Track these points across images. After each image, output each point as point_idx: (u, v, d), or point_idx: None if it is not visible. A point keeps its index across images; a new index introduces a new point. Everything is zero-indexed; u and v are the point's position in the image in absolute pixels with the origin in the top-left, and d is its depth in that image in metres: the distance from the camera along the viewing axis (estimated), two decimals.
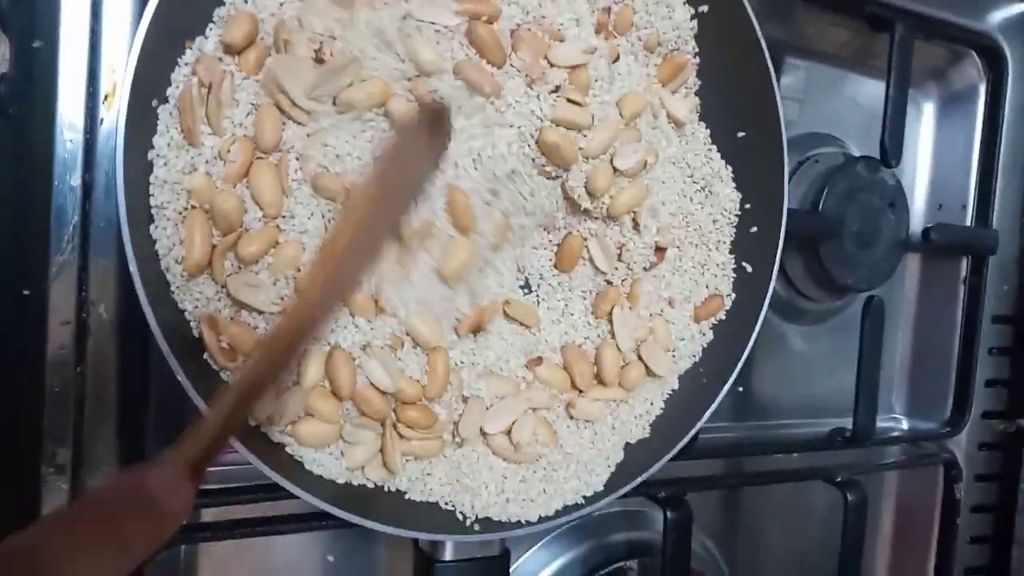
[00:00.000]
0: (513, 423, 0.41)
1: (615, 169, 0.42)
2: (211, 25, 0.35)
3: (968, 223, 0.66)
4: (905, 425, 0.70)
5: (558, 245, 0.43)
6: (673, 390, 0.47)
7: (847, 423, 0.61)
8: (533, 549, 0.54)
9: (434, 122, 0.37)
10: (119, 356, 0.38)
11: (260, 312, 0.35)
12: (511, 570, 0.52)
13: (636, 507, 0.57)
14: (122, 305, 0.38)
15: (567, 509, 0.42)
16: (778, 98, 0.44)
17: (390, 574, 0.48)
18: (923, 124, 0.68)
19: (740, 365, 0.45)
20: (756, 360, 0.63)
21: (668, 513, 0.52)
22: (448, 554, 0.41)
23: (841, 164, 0.59)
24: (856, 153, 0.63)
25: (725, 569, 0.61)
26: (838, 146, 0.63)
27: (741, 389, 0.63)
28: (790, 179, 0.60)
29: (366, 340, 0.37)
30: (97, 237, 0.37)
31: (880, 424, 0.67)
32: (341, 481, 0.38)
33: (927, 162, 0.69)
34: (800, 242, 0.59)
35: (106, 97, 0.37)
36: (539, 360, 0.43)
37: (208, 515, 0.43)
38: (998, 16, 0.65)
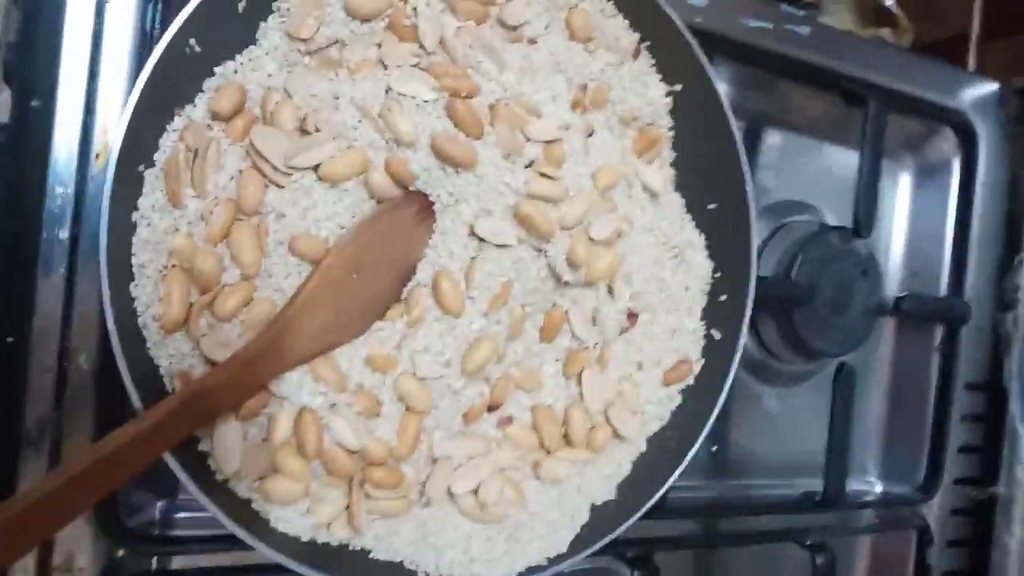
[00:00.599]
0: (481, 483, 0.42)
1: (591, 239, 0.43)
2: (201, 94, 0.36)
3: (942, 291, 0.68)
4: (879, 489, 0.70)
5: (542, 314, 0.44)
6: (641, 452, 0.48)
7: (819, 484, 0.62)
8: None
9: (420, 204, 0.39)
10: (96, 405, 0.39)
11: None
12: None
13: (604, 564, 0.57)
14: (102, 356, 0.39)
15: (531, 570, 0.43)
16: (747, 175, 0.46)
17: None
18: (899, 194, 0.70)
19: (706, 431, 0.46)
20: (730, 420, 0.64)
21: (635, 573, 0.53)
22: None
23: (815, 232, 0.61)
24: (831, 222, 0.64)
25: None
26: (813, 214, 0.65)
27: (715, 448, 0.64)
28: (765, 245, 0.63)
29: (334, 401, 0.38)
30: (81, 289, 0.39)
31: (854, 487, 0.68)
32: (306, 538, 0.39)
33: (903, 231, 0.70)
34: (774, 307, 0.60)
35: (97, 155, 0.38)
36: (509, 420, 0.44)
37: (177, 562, 0.43)
38: (970, 94, 0.67)
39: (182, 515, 0.45)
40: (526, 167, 0.41)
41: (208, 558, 0.43)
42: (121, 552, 0.41)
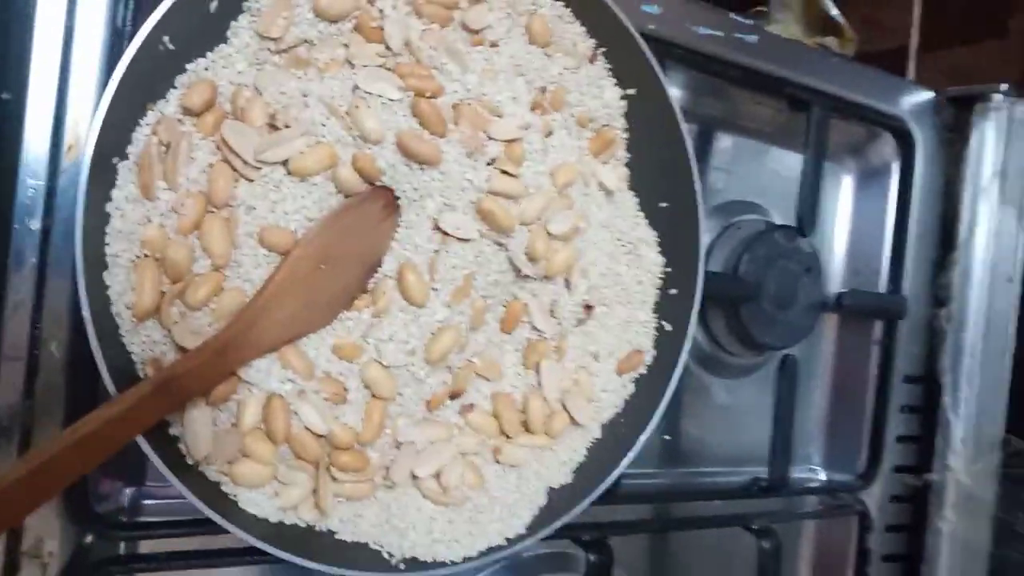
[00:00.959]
0: (443, 467, 0.44)
1: (549, 234, 0.45)
2: (173, 90, 0.38)
3: (882, 289, 0.72)
4: (822, 476, 0.74)
5: (503, 306, 0.46)
6: (596, 439, 0.50)
7: (765, 472, 0.65)
8: None
9: (385, 199, 0.41)
10: (67, 393, 0.40)
11: None
12: None
13: (562, 549, 0.59)
14: (73, 344, 0.40)
15: (491, 550, 0.45)
16: (695, 177, 0.48)
17: None
18: (842, 195, 0.73)
19: (657, 418, 0.49)
20: (681, 410, 0.67)
21: (590, 556, 0.55)
22: None
23: (761, 231, 0.64)
24: (777, 221, 0.67)
25: None
26: (760, 214, 0.68)
27: (667, 437, 0.66)
28: (715, 242, 0.65)
29: (302, 388, 0.40)
30: (53, 279, 0.39)
31: (798, 475, 0.71)
32: (274, 520, 0.40)
33: (845, 230, 0.74)
34: (722, 302, 0.63)
35: (69, 148, 0.39)
36: (471, 407, 0.46)
37: (146, 547, 0.44)
38: (909, 101, 0.71)
39: (149, 502, 0.45)
40: (488, 164, 0.43)
41: (175, 542, 0.44)
42: (89, 537, 0.42)
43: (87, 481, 0.42)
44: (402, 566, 0.42)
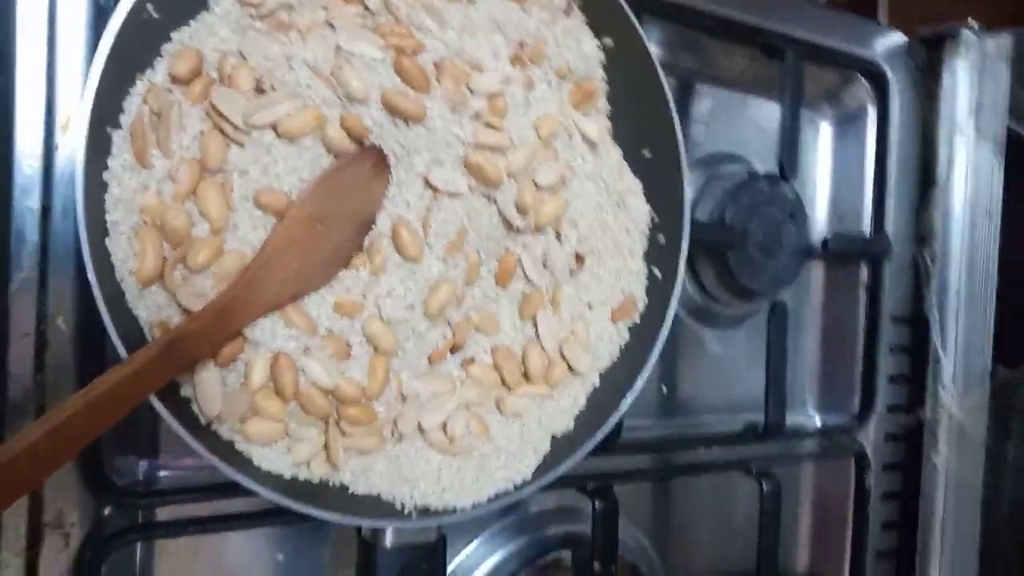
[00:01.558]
0: (448, 418, 0.45)
1: (537, 185, 0.46)
2: (159, 59, 0.38)
3: (865, 231, 0.73)
4: (817, 420, 0.75)
5: (497, 260, 0.47)
6: (595, 387, 0.51)
7: (762, 418, 0.66)
8: (472, 545, 0.57)
9: (375, 158, 0.42)
10: (77, 366, 0.41)
11: None
12: (452, 566, 0.56)
13: (568, 503, 0.60)
14: (79, 318, 0.41)
15: (499, 496, 0.46)
16: (676, 124, 0.49)
17: (335, 569, 0.51)
18: (821, 141, 0.75)
19: (653, 360, 0.50)
20: (677, 362, 0.68)
21: (596, 503, 0.56)
22: (389, 541, 0.44)
23: (744, 180, 0.65)
24: (759, 170, 0.69)
25: (657, 560, 0.66)
26: (743, 164, 0.69)
27: (665, 389, 0.68)
28: (699, 195, 0.67)
29: (307, 345, 0.41)
30: (55, 256, 0.40)
31: (794, 420, 0.73)
32: (288, 476, 0.41)
33: (827, 176, 0.75)
34: (710, 251, 0.64)
35: (63, 126, 0.40)
36: (471, 360, 0.47)
37: (162, 515, 0.45)
38: (882, 44, 0.72)
39: (164, 474, 0.46)
40: (472, 119, 0.44)
41: (191, 509, 0.46)
42: (108, 508, 0.43)
43: (103, 455, 0.43)
44: (414, 515, 0.43)
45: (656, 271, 0.52)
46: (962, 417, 0.74)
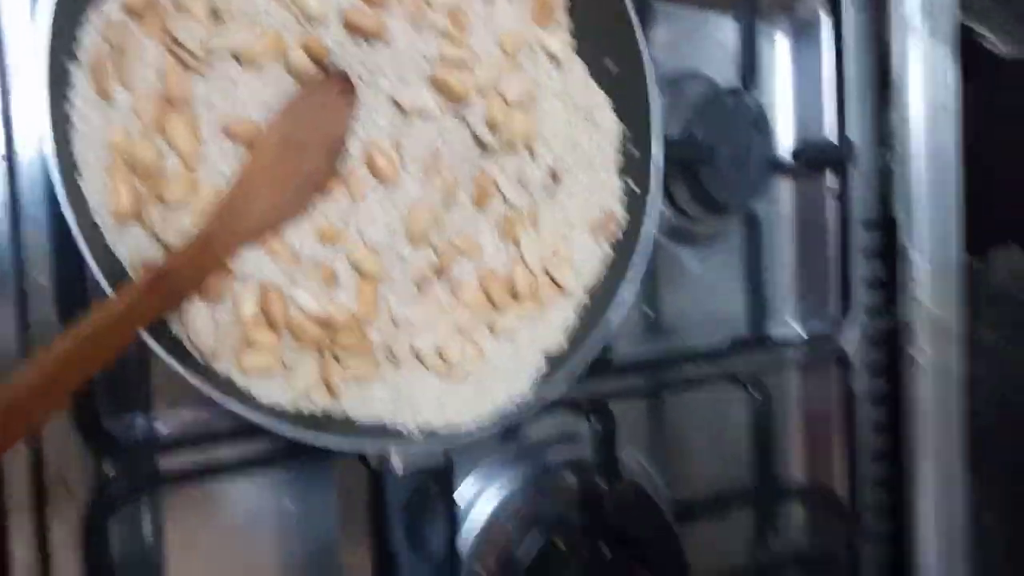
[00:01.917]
0: (442, 343, 0.45)
1: (506, 102, 0.46)
2: None
3: (829, 140, 0.74)
4: (800, 330, 0.76)
5: (473, 181, 0.47)
6: (585, 305, 0.51)
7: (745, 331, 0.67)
8: (475, 473, 0.57)
9: (341, 83, 0.41)
10: (59, 320, 0.40)
11: None
12: (456, 493, 0.55)
13: (566, 428, 0.61)
14: (58, 270, 0.40)
15: (502, 416, 0.46)
16: (638, 31, 0.49)
17: (343, 510, 0.51)
18: (779, 55, 0.75)
19: (639, 272, 0.50)
20: (660, 286, 0.68)
21: (593, 422, 0.57)
22: (397, 468, 0.44)
23: (708, 96, 0.65)
24: (722, 86, 0.69)
25: (657, 478, 0.67)
26: (705, 81, 0.69)
27: (650, 313, 0.68)
28: (665, 114, 0.66)
29: (293, 275, 0.40)
30: (26, 210, 0.39)
31: (777, 331, 0.74)
32: (291, 409, 0.41)
33: (788, 89, 0.76)
34: (682, 169, 0.65)
35: (15, 70, 0.39)
36: (459, 284, 0.47)
37: (166, 466, 0.45)
38: None
39: (161, 427, 0.46)
40: (436, 36, 0.43)
41: (194, 458, 0.45)
42: (109, 463, 0.42)
43: (99, 411, 0.42)
44: (419, 437, 0.43)
45: (633, 185, 0.53)
46: (937, 311, 0.76)
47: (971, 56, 0.72)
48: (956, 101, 0.74)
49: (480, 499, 0.55)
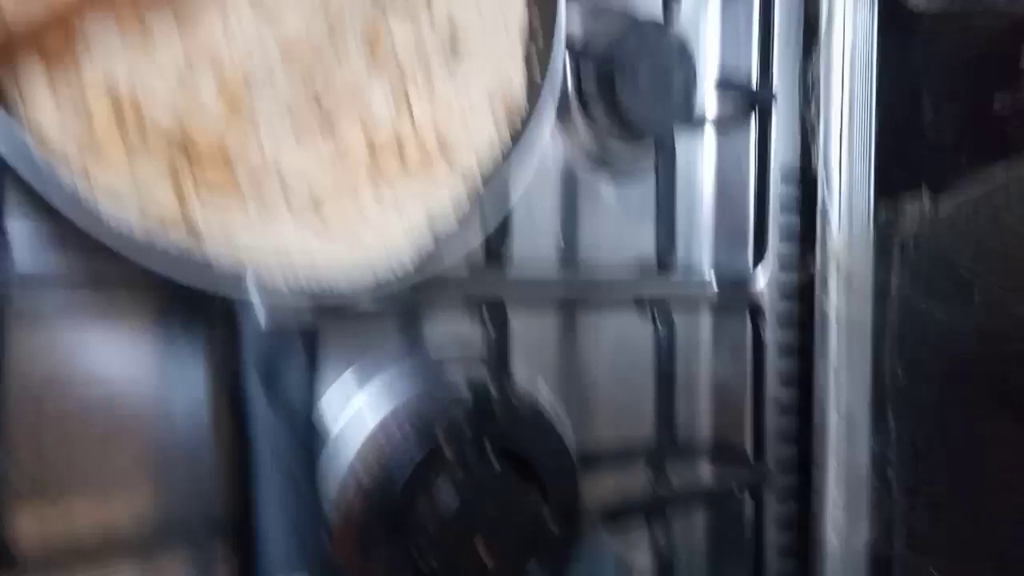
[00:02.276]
0: (320, 196, 0.43)
1: None
2: None
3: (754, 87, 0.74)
4: (713, 277, 0.75)
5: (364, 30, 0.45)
6: (479, 191, 0.50)
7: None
8: (367, 388, 0.55)
9: None
10: None
11: None
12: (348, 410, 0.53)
13: (465, 337, 0.59)
14: None
15: (378, 283, 0.45)
16: None
17: (211, 368, 0.48)
18: (710, 3, 0.76)
19: (534, 161, 0.49)
20: (574, 216, 0.68)
21: (486, 315, 0.55)
22: (259, 319, 0.42)
23: (631, 24, 0.65)
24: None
25: (559, 407, 0.65)
26: (631, 15, 0.69)
27: (563, 245, 0.67)
28: (585, 41, 0.66)
29: (156, 86, 0.38)
30: None
31: (690, 277, 0.74)
32: (143, 242, 0.38)
33: (715, 38, 0.76)
34: (601, 89, 0.64)
35: None
36: (344, 145, 0.45)
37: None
38: None
39: None
40: None
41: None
42: None
43: None
44: (286, 290, 0.42)
45: (537, 77, 0.52)
46: (851, 261, 0.76)
47: (887, 9, 0.73)
48: (876, 57, 0.75)
49: (365, 403, 0.53)
